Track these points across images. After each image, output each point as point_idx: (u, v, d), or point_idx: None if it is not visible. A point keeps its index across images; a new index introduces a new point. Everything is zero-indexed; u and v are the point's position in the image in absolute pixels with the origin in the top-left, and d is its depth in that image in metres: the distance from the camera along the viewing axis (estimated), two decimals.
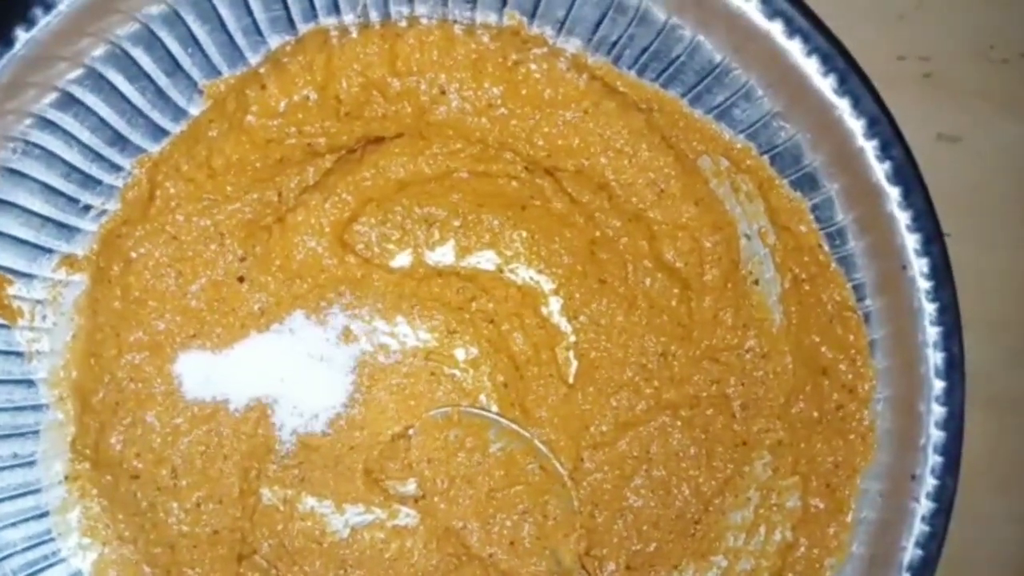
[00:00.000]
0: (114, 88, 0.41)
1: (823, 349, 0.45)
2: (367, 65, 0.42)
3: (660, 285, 0.47)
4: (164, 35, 0.41)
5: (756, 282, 0.47)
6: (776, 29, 0.40)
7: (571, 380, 0.49)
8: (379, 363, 0.48)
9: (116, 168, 0.43)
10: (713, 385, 0.48)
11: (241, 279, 0.46)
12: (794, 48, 0.40)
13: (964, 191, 0.48)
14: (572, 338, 0.49)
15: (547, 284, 0.49)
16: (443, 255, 0.48)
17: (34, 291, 0.44)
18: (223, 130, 0.43)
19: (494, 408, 0.48)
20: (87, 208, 0.44)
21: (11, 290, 0.43)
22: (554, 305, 0.49)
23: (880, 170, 0.40)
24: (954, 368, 0.40)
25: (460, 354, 0.48)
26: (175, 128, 0.44)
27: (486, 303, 0.48)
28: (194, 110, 0.44)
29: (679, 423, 0.48)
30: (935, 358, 0.41)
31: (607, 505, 0.48)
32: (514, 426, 0.47)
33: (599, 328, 0.48)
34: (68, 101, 0.41)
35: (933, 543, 0.41)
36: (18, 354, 0.44)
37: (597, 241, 0.48)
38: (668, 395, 0.48)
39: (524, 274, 0.49)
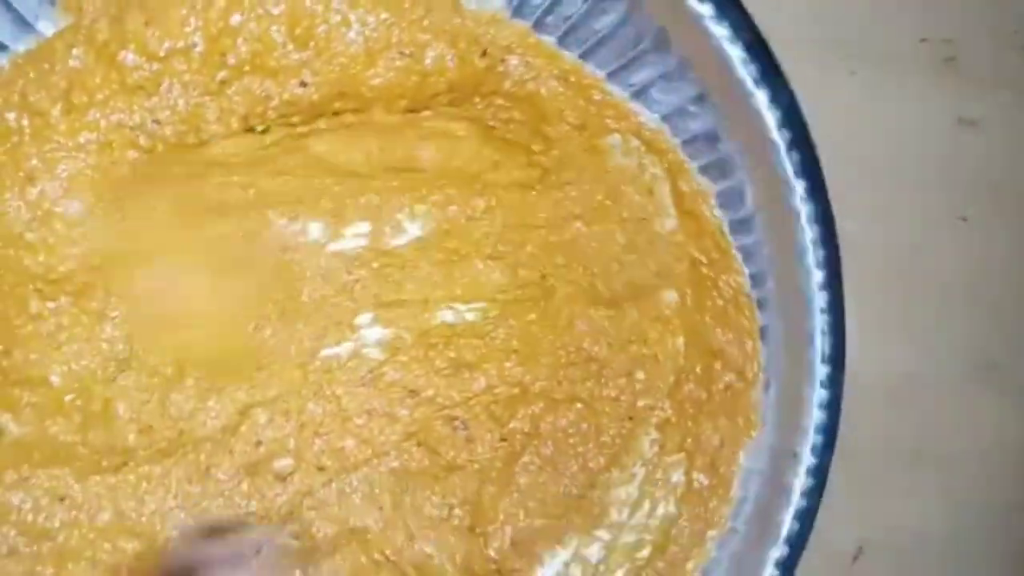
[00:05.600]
0: None
1: (716, 331, 0.46)
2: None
3: None
4: None
5: None
6: (706, 12, 0.40)
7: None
8: None
9: None
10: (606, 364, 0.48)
11: None
12: (721, 33, 0.40)
13: (981, 176, 0.47)
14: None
15: None
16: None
17: None
18: (89, 62, 0.37)
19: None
20: None
21: None
22: None
23: (788, 163, 0.42)
24: (838, 354, 0.43)
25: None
26: (17, 46, 0.37)
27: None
28: (43, 27, 0.37)
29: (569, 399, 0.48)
30: (823, 345, 0.43)
31: (494, 482, 0.47)
32: None
33: None
34: None
35: (807, 517, 0.44)
36: None
37: None
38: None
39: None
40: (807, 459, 0.44)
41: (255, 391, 0.44)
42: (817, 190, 0.42)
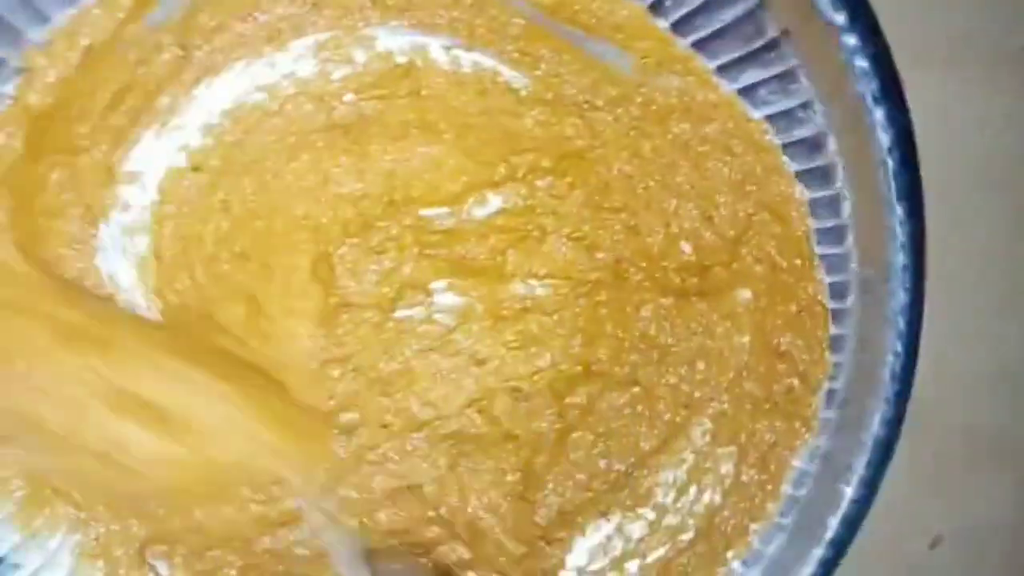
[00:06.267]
0: None
1: (786, 335, 0.46)
2: None
3: None
4: None
5: None
6: (838, 20, 0.38)
7: None
8: None
9: None
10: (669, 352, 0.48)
11: None
12: (848, 43, 0.39)
13: None
14: None
15: None
16: None
17: None
18: None
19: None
20: None
21: None
22: None
23: (893, 184, 0.41)
24: (908, 374, 0.43)
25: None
26: (59, 14, 0.38)
27: None
28: None
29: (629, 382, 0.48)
30: (894, 364, 0.43)
31: (547, 452, 0.49)
32: None
33: None
34: None
35: (854, 525, 0.45)
36: None
37: None
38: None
39: None
40: (861, 471, 0.44)
41: (330, 347, 0.44)
42: (916, 214, 0.41)
